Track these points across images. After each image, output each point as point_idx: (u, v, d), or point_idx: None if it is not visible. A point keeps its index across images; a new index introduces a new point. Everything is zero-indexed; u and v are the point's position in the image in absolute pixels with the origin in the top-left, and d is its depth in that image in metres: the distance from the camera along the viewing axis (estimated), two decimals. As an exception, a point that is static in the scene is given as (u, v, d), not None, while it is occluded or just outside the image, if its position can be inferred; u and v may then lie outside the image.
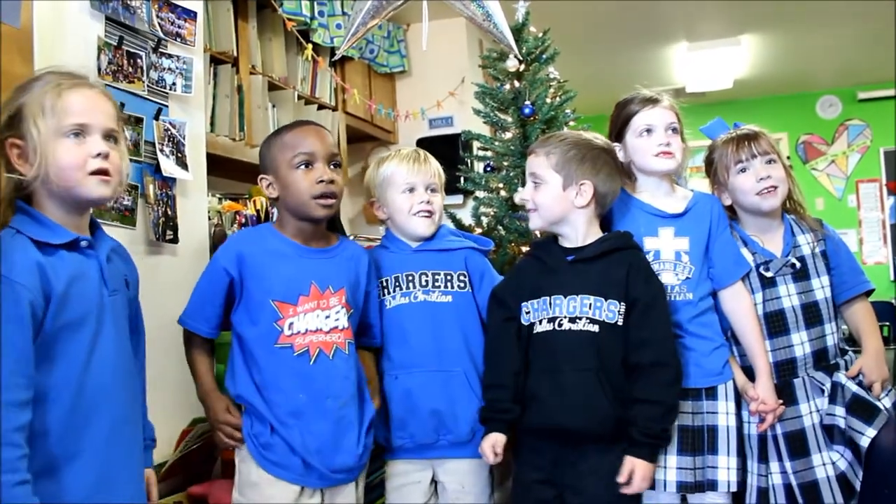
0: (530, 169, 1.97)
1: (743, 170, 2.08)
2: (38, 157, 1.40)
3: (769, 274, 2.03)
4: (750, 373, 2.00)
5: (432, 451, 1.98)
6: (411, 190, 2.04)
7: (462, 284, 2.03)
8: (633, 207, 2.04)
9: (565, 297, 1.86)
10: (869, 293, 2.13)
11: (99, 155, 1.44)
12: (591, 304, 1.84)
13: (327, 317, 1.86)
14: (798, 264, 2.04)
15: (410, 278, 2.02)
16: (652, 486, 1.86)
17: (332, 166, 1.89)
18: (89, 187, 1.44)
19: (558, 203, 1.91)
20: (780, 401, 1.97)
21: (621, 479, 1.80)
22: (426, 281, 2.01)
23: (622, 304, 1.84)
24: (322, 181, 1.85)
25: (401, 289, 2.02)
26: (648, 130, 2.04)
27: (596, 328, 1.83)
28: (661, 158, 2.02)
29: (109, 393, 1.45)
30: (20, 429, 1.28)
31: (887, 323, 5.44)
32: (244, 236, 2.01)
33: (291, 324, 1.83)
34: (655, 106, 2.06)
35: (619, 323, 1.84)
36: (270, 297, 1.83)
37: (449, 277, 2.03)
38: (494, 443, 1.87)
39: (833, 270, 2.07)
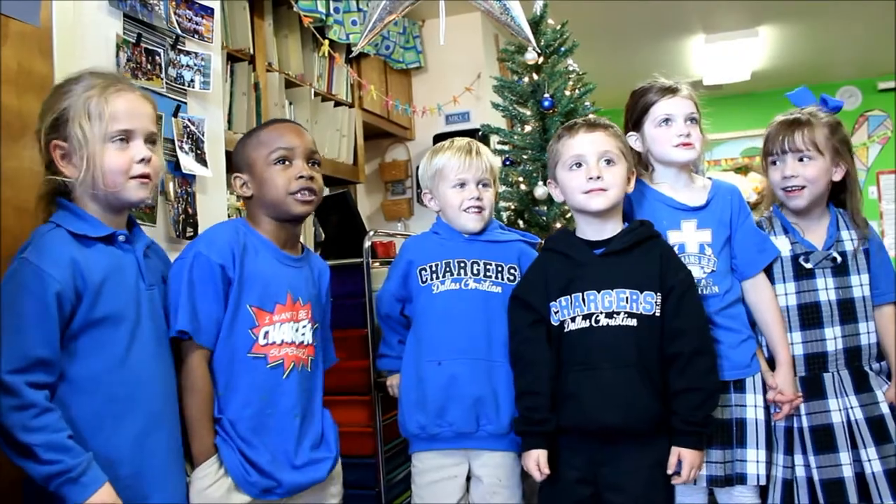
0: (603, 147, 1.86)
1: (773, 163, 2.05)
2: (84, 161, 1.46)
3: (809, 265, 2.00)
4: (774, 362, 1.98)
5: (470, 440, 1.95)
6: (462, 185, 2.03)
7: (511, 277, 2.01)
8: (654, 200, 2.01)
9: (599, 293, 1.82)
10: None
11: (142, 160, 1.52)
12: (627, 298, 1.81)
13: (296, 330, 1.76)
14: (839, 258, 2.00)
15: (462, 265, 2.00)
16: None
17: (311, 164, 1.81)
18: (131, 191, 1.52)
19: (623, 186, 1.88)
20: (801, 394, 1.94)
21: (669, 469, 1.78)
22: (478, 269, 2.00)
23: (658, 294, 1.81)
24: (301, 177, 1.76)
25: (451, 274, 1.99)
26: (667, 120, 2.00)
27: (634, 322, 1.79)
28: (680, 149, 1.99)
29: (146, 387, 1.50)
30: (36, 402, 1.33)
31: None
32: (226, 231, 1.78)
33: (267, 333, 1.71)
34: (675, 95, 2.02)
35: (657, 314, 1.81)
36: (249, 301, 1.71)
37: (500, 269, 2.01)
38: (538, 460, 1.82)
39: (869, 273, 2.02)
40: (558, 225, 2.70)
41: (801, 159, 2.01)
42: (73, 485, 1.33)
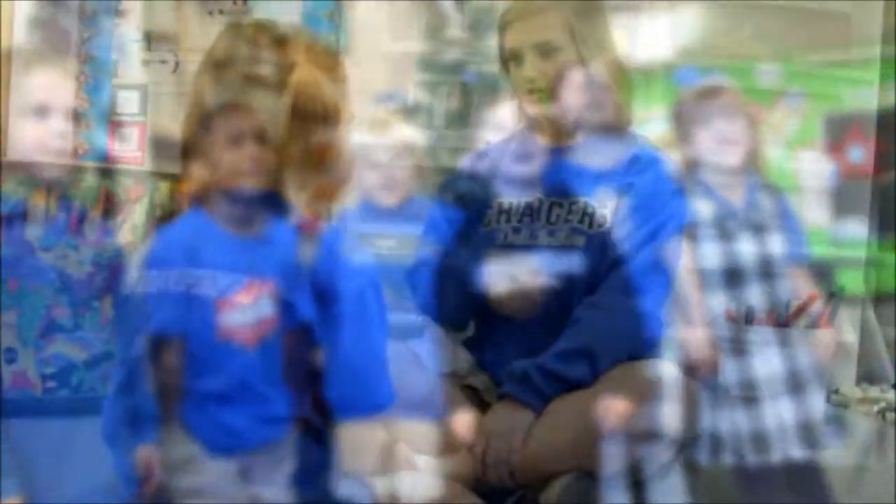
0: None
1: (704, 124, 2.11)
2: None
3: (729, 226, 2.06)
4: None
5: None
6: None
7: None
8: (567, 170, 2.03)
9: None
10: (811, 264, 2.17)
11: None
12: None
13: (257, 308, 1.81)
14: (758, 219, 2.07)
15: None
16: None
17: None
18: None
19: None
20: (720, 349, 2.01)
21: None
22: None
23: None
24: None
25: None
26: None
27: None
28: None
29: None
30: None
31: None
32: (178, 231, 1.84)
33: (228, 317, 1.79)
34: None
35: None
36: (206, 292, 1.78)
37: None
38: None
39: (784, 232, 2.09)
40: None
41: (729, 119, 2.07)
42: None
